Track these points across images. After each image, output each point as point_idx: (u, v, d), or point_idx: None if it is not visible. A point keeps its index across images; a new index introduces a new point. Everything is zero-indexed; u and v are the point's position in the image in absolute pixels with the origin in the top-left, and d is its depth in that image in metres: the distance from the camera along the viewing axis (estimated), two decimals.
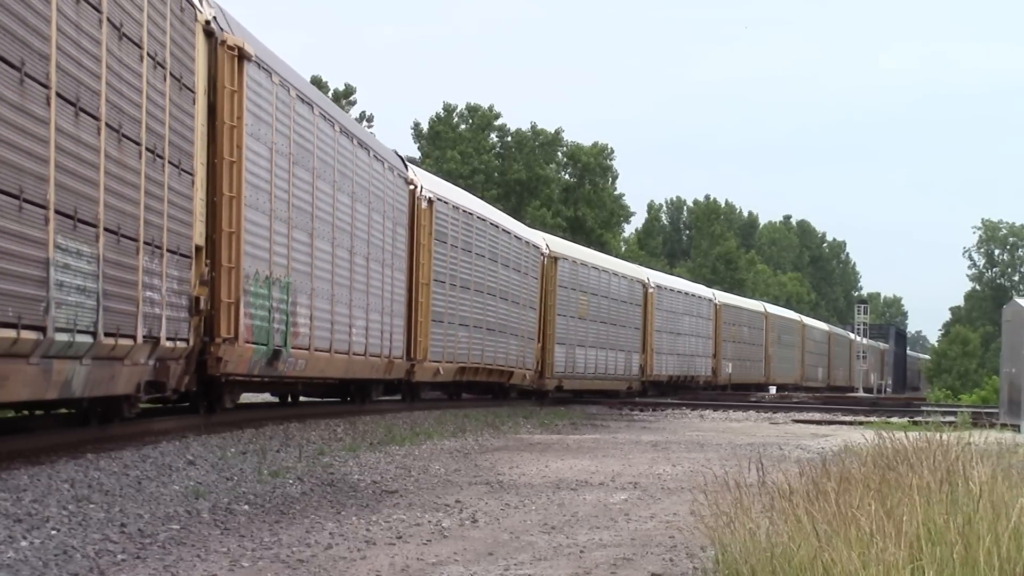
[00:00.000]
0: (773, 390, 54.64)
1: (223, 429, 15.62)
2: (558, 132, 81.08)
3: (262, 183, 16.30)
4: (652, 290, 43.18)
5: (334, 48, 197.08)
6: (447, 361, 26.27)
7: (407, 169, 24.63)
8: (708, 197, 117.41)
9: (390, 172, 22.86)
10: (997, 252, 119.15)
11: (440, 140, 78.03)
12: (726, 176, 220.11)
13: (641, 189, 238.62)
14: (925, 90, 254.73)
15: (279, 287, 16.94)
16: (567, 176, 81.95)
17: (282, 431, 16.42)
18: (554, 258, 34.59)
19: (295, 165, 17.68)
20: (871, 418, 29.90)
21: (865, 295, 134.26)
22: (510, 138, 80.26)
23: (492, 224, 29.72)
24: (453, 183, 42.28)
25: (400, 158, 25.01)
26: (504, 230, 30.79)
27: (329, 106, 20.69)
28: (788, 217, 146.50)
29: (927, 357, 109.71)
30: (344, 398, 23.51)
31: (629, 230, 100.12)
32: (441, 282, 25.77)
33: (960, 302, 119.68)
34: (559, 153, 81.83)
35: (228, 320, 15.07)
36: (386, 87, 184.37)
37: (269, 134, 16.58)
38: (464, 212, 27.58)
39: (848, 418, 30.98)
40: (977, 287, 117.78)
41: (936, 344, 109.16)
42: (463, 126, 79.49)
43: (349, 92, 70.28)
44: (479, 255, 28.38)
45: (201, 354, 14.76)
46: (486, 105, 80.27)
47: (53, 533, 8.00)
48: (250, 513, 9.79)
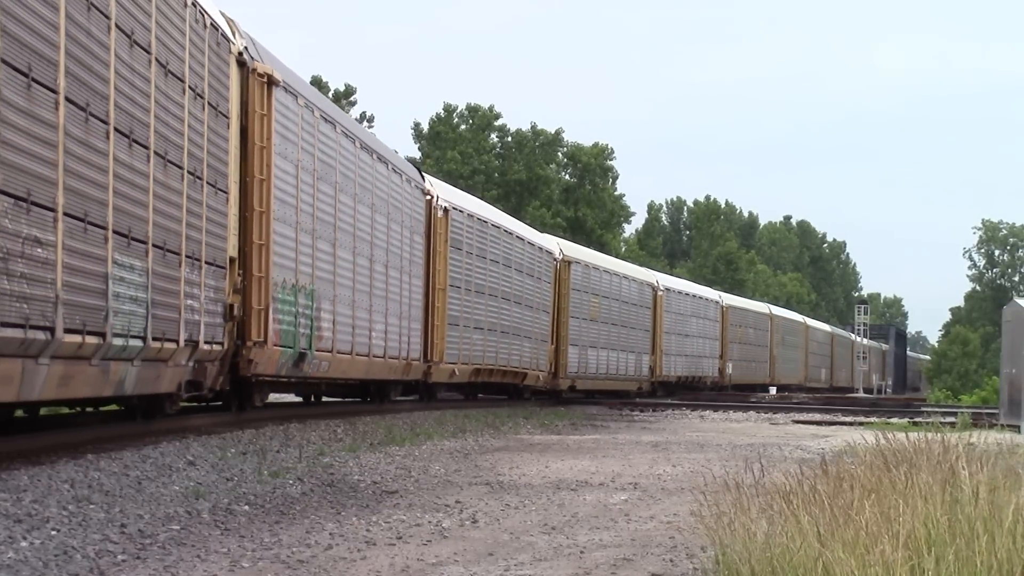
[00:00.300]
0: (773, 390, 54.76)
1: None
2: (558, 132, 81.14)
3: (289, 198, 17.59)
4: (661, 293, 44.07)
5: (334, 48, 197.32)
6: (462, 363, 27.37)
7: (424, 180, 25.94)
8: (708, 197, 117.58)
9: (408, 184, 24.13)
10: (997, 252, 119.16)
11: (440, 140, 78.03)
12: (726, 176, 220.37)
13: (641, 189, 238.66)
14: (925, 90, 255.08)
15: (304, 294, 18.20)
16: (567, 176, 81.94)
17: (282, 431, 16.42)
18: (567, 262, 35.52)
19: (319, 180, 18.95)
20: (871, 419, 29.90)
21: (865, 295, 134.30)
22: (510, 138, 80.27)
23: (506, 231, 30.92)
24: (453, 183, 42.51)
25: (418, 169, 26.45)
26: (518, 236, 31.88)
27: (350, 124, 22.08)
28: (788, 217, 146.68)
29: (927, 357, 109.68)
30: (364, 398, 24.43)
31: (629, 230, 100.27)
32: (457, 287, 26.91)
33: (960, 302, 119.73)
34: (559, 153, 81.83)
35: (258, 325, 16.31)
36: (386, 87, 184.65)
37: (295, 152, 17.88)
38: (479, 220, 28.76)
39: (848, 419, 30.97)
40: (977, 287, 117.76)
41: (936, 344, 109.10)
42: (463, 126, 79.49)
43: (349, 92, 70.31)
44: (493, 261, 29.51)
45: (234, 356, 15.99)
46: (486, 105, 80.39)
47: (53, 533, 8.01)
48: (250, 513, 9.79)
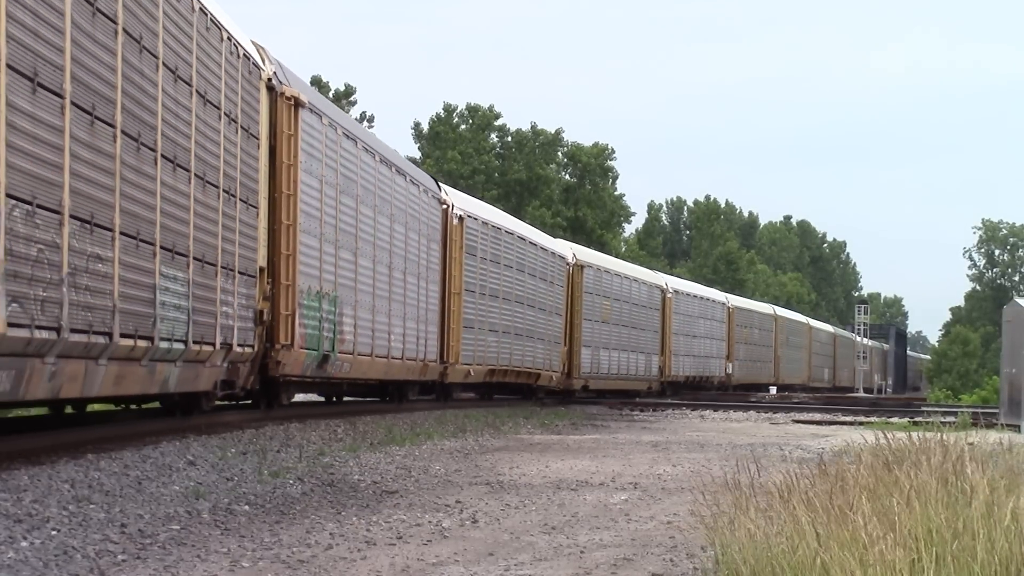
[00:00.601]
0: (773, 390, 54.90)
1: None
2: (558, 132, 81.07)
3: (314, 211, 18.73)
4: (670, 295, 45.21)
5: (334, 48, 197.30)
6: (477, 364, 28.52)
7: (440, 190, 27.22)
8: (708, 197, 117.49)
9: (424, 194, 25.43)
10: (997, 252, 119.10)
11: (440, 140, 77.98)
12: (726, 176, 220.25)
13: (641, 189, 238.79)
14: (925, 90, 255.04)
15: (328, 300, 19.34)
16: (567, 176, 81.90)
17: (282, 431, 16.43)
18: (580, 266, 36.71)
19: (341, 193, 20.09)
20: (871, 418, 29.90)
21: (865, 295, 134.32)
22: (510, 138, 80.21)
23: (519, 237, 32.15)
24: (453, 183, 42.66)
25: (434, 180, 27.77)
26: (531, 242, 33.09)
27: (371, 139, 23.32)
28: (788, 217, 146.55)
29: (927, 357, 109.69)
30: (383, 398, 25.63)
31: (629, 230, 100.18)
32: (472, 291, 28.07)
33: (960, 302, 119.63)
34: (559, 153, 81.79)
35: (286, 329, 17.53)
36: (386, 87, 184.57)
37: (319, 168, 19.02)
38: (493, 227, 29.95)
39: (848, 418, 30.97)
40: (977, 287, 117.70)
41: (936, 344, 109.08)
42: (463, 126, 79.43)
43: (349, 92, 70.23)
44: (507, 266, 30.68)
45: (263, 358, 17.22)
46: (486, 105, 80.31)
47: (53, 533, 8.01)
48: (250, 513, 9.80)
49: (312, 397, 24.74)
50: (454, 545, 8.65)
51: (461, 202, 28.55)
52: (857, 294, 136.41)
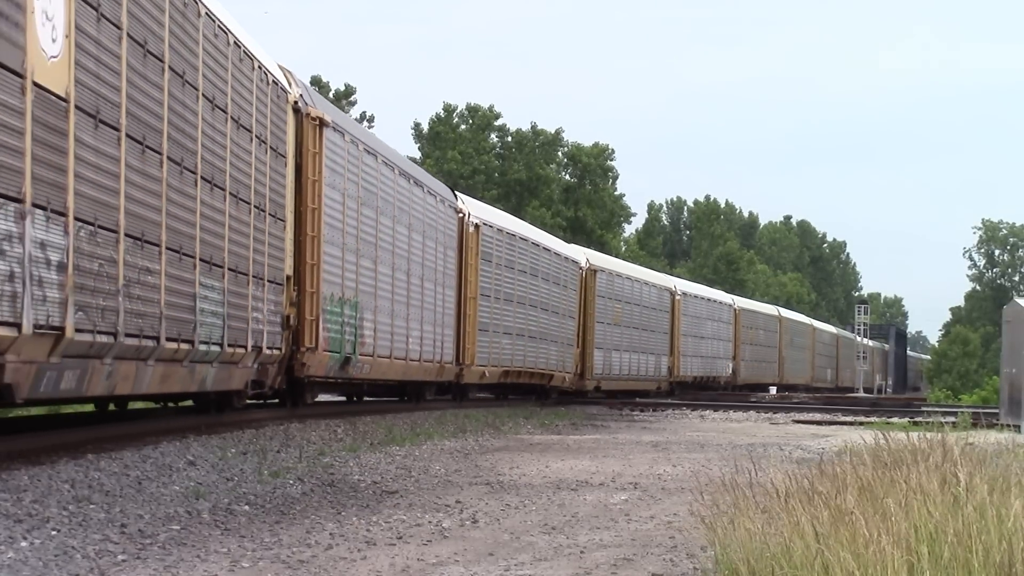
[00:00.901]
0: (773, 390, 55.02)
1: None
2: (558, 132, 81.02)
3: (336, 223, 19.79)
4: (679, 297, 46.21)
5: (334, 48, 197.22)
6: (492, 365, 29.52)
7: (456, 200, 28.43)
8: (708, 197, 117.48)
9: (441, 204, 26.61)
10: (997, 252, 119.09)
11: (440, 140, 77.93)
12: (726, 176, 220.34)
13: (641, 189, 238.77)
14: (925, 90, 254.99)
15: (349, 305, 20.40)
16: (567, 176, 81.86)
17: (282, 431, 16.45)
18: (593, 271, 37.78)
19: (362, 205, 21.18)
20: (871, 418, 29.87)
21: (865, 295, 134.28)
22: (510, 138, 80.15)
23: (533, 243, 33.27)
24: (453, 183, 42.73)
25: (451, 190, 28.92)
26: (545, 248, 34.15)
27: (390, 153, 24.27)
28: (788, 217, 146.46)
29: (927, 357, 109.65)
30: (401, 398, 26.68)
31: (629, 230, 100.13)
32: (487, 296, 29.12)
33: (960, 302, 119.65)
34: (559, 153, 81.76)
35: (310, 333, 18.63)
36: (386, 87, 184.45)
37: (342, 183, 20.08)
38: (508, 234, 31.13)
39: (848, 418, 30.97)
40: (977, 287, 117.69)
41: (936, 344, 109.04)
42: (463, 126, 79.38)
43: (349, 92, 70.22)
44: (521, 271, 31.71)
45: (289, 360, 18.36)
46: (486, 105, 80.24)
47: (53, 533, 8.01)
48: (250, 513, 9.80)
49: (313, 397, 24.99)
50: (454, 545, 8.65)
51: (477, 210, 29.73)
52: (857, 294, 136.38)
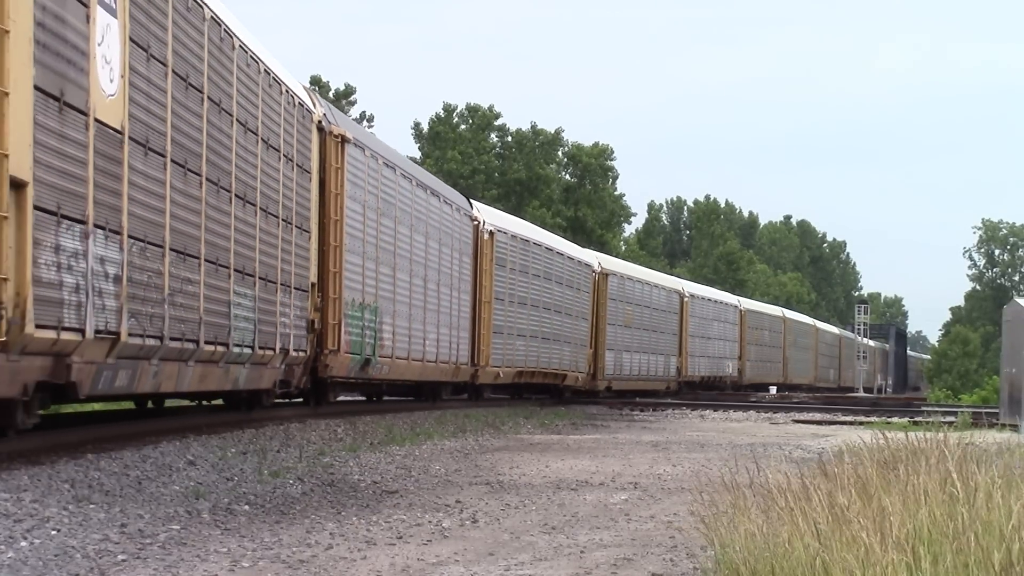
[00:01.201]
0: (773, 390, 55.09)
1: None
2: (558, 132, 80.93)
3: (357, 232, 21.00)
4: (687, 299, 47.20)
5: (334, 48, 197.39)
6: (506, 366, 30.59)
7: (472, 208, 29.68)
8: (708, 197, 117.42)
9: (457, 212, 27.84)
10: (997, 252, 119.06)
11: (440, 140, 77.87)
12: (726, 176, 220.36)
13: (641, 189, 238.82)
14: (925, 90, 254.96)
15: (369, 310, 21.58)
16: (567, 176, 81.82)
17: (282, 431, 16.45)
18: (605, 274, 38.77)
19: (382, 216, 22.35)
20: (871, 418, 29.87)
21: (865, 295, 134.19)
22: (510, 138, 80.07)
23: (547, 248, 34.41)
24: (453, 183, 42.82)
25: (467, 199, 30.27)
26: (557, 252, 35.23)
27: (408, 165, 25.84)
28: (788, 217, 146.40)
29: (927, 357, 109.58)
30: (419, 397, 27.60)
31: (629, 230, 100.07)
32: (501, 300, 30.26)
33: (960, 302, 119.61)
34: (559, 153, 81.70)
35: (333, 336, 19.76)
36: (386, 87, 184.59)
37: (362, 195, 21.28)
38: (521, 240, 32.25)
39: (848, 418, 30.96)
40: (977, 287, 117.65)
41: (936, 344, 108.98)
42: (463, 126, 79.29)
43: (349, 92, 70.16)
44: (535, 276, 32.80)
45: (314, 361, 19.50)
46: (486, 105, 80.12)
47: (53, 533, 8.01)
48: (250, 513, 9.80)
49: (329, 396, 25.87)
50: (454, 545, 8.65)
51: (492, 218, 30.89)
52: (857, 294, 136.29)
